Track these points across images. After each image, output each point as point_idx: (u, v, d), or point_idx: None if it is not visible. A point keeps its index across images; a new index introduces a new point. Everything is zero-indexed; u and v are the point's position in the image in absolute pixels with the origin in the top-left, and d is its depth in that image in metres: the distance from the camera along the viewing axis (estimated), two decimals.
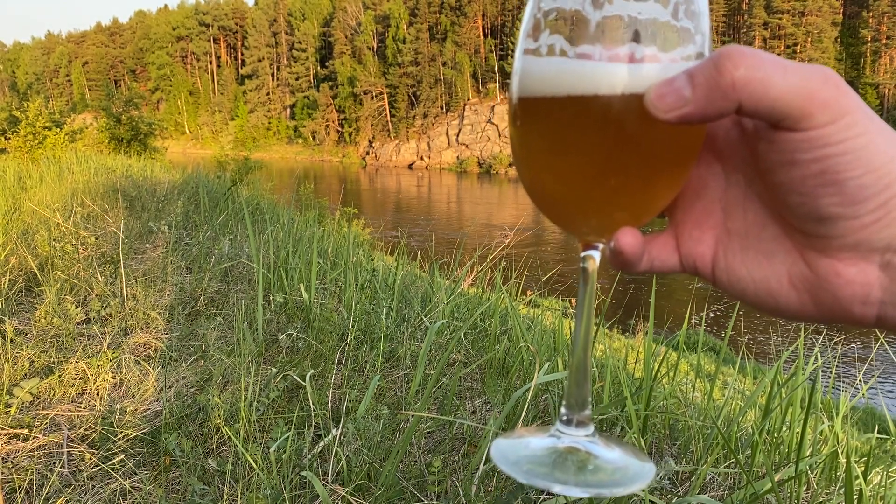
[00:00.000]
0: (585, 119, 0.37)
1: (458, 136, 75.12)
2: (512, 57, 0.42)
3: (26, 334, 2.53)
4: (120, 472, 1.65)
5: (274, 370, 2.13)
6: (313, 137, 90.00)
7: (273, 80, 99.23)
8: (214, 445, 1.79)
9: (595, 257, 0.43)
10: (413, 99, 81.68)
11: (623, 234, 0.40)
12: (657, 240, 0.43)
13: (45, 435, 1.81)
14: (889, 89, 62.65)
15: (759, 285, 0.39)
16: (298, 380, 2.00)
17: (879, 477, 1.75)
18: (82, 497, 1.57)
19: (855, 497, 1.46)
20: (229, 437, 1.74)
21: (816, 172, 0.34)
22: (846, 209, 0.34)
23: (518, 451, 0.42)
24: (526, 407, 1.70)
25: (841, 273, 0.36)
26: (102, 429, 1.83)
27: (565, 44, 0.37)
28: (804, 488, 1.68)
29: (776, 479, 1.55)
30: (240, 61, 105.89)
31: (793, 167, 0.35)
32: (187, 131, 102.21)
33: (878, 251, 0.35)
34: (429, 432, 1.86)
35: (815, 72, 0.33)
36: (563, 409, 0.44)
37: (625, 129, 0.37)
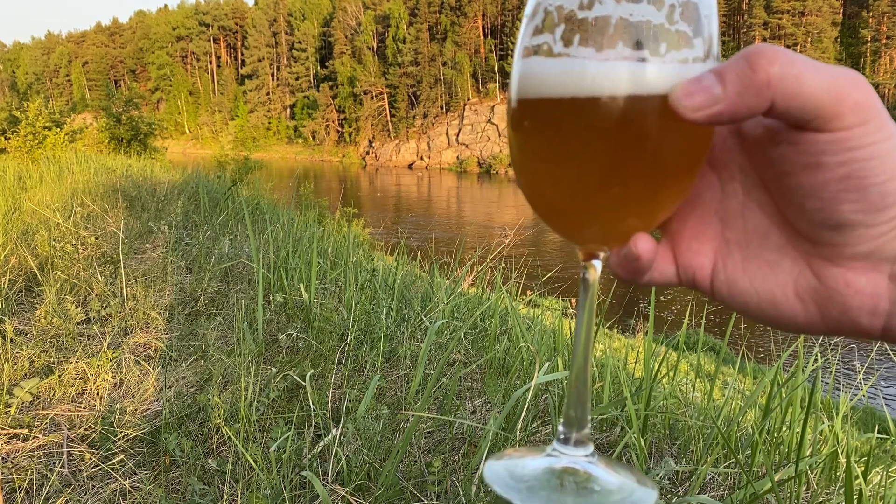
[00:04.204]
0: (585, 122, 0.35)
1: (458, 136, 75.09)
2: (512, 57, 0.41)
3: (26, 334, 2.53)
4: (120, 472, 1.65)
5: (274, 370, 2.13)
6: (313, 137, 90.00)
7: (273, 80, 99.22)
8: (214, 445, 1.79)
9: (597, 267, 0.42)
10: (413, 99, 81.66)
11: (641, 239, 0.39)
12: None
13: (45, 435, 1.81)
14: (889, 89, 62.63)
15: (763, 296, 0.38)
16: (298, 380, 2.00)
17: (879, 477, 1.75)
18: (82, 497, 1.57)
19: (855, 497, 1.46)
20: (229, 437, 1.74)
21: (841, 177, 0.33)
22: (866, 216, 0.33)
23: (514, 471, 0.41)
24: (526, 407, 1.70)
25: (851, 283, 0.35)
26: (102, 429, 1.83)
27: (562, 45, 0.35)
28: (804, 488, 1.68)
29: (776, 478, 1.55)
30: (240, 61, 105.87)
31: (816, 170, 0.34)
32: (187, 131, 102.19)
33: (888, 261, 0.34)
34: (429, 432, 1.86)
35: (843, 72, 0.33)
36: (560, 427, 0.43)
37: (630, 132, 0.35)
